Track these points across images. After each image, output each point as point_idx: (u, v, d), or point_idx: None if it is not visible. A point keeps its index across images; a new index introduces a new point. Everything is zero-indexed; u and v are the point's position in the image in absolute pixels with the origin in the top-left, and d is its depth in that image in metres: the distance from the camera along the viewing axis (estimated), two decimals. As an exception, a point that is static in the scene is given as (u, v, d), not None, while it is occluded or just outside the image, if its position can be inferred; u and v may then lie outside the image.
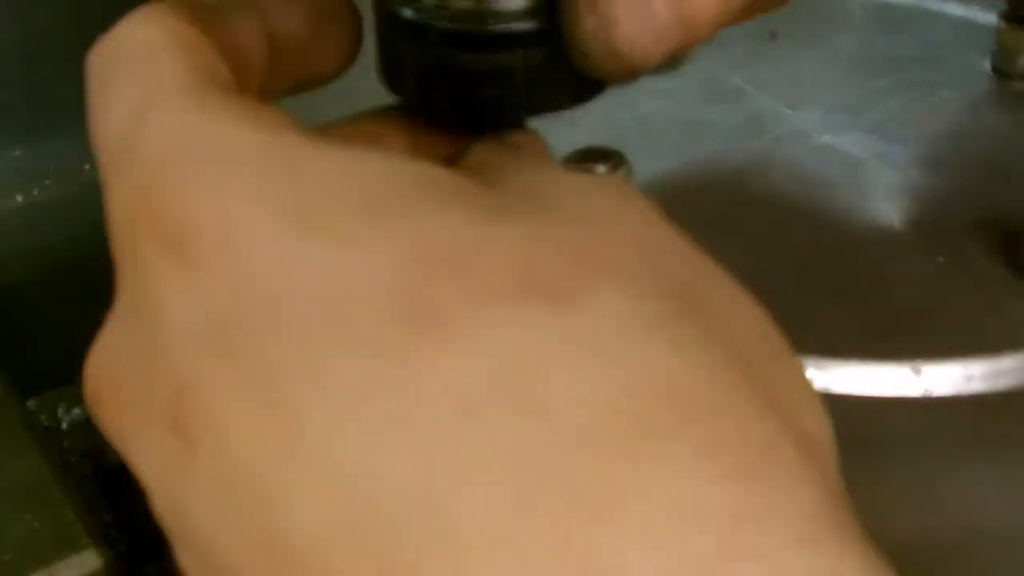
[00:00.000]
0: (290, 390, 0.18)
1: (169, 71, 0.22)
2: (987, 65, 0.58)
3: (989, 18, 0.60)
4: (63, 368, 0.23)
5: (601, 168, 0.44)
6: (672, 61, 0.27)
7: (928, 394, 0.40)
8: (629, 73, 0.26)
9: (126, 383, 0.21)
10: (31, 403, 0.38)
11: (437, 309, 0.18)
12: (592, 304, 0.18)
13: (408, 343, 0.18)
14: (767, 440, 0.18)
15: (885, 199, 0.50)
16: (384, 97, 0.29)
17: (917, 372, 0.40)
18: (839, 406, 0.38)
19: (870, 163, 0.52)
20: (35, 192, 0.51)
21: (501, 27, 0.26)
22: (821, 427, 0.20)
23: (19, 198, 0.51)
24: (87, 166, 0.53)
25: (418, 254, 0.19)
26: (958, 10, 0.64)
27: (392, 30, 0.28)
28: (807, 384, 0.21)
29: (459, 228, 0.19)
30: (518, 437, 0.17)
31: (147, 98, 0.22)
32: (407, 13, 0.27)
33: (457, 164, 0.27)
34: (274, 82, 0.27)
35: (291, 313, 0.18)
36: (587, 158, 0.44)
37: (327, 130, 0.28)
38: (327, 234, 0.19)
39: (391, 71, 0.28)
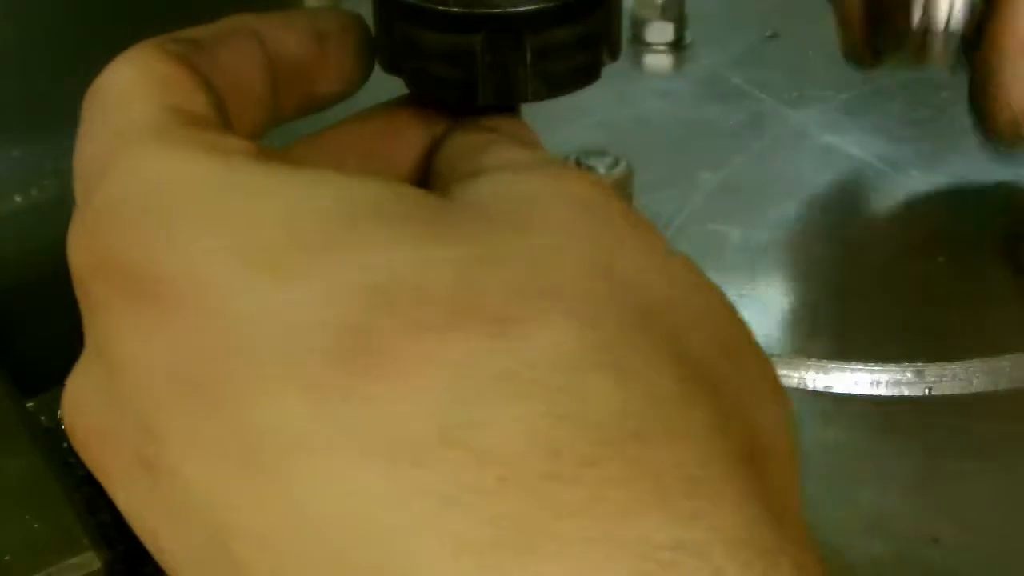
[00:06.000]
0: (241, 433, 0.19)
1: (138, 112, 0.23)
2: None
3: (989, 18, 0.60)
4: (63, 368, 0.23)
5: (601, 168, 0.44)
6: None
7: (929, 394, 0.40)
8: None
9: (99, 423, 0.22)
10: (31, 403, 0.38)
11: (377, 346, 0.18)
12: (536, 334, 0.18)
13: (348, 382, 0.18)
14: (697, 465, 0.18)
15: (885, 199, 0.50)
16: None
17: (919, 372, 0.40)
18: (840, 406, 0.38)
19: (870, 163, 0.52)
20: (35, 192, 0.51)
21: (485, 10, 0.26)
22: (779, 433, 0.20)
23: (18, 198, 0.51)
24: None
25: (359, 289, 0.19)
26: (958, 10, 0.64)
27: (384, 10, 0.28)
28: (772, 388, 0.21)
29: (402, 259, 0.19)
30: (454, 476, 0.17)
31: (113, 141, 0.22)
32: None
33: (438, 148, 0.28)
34: (282, 106, 0.27)
35: (242, 355, 0.19)
36: (587, 158, 0.44)
37: (346, 122, 0.29)
38: (275, 273, 0.19)
39: (383, 51, 0.28)
